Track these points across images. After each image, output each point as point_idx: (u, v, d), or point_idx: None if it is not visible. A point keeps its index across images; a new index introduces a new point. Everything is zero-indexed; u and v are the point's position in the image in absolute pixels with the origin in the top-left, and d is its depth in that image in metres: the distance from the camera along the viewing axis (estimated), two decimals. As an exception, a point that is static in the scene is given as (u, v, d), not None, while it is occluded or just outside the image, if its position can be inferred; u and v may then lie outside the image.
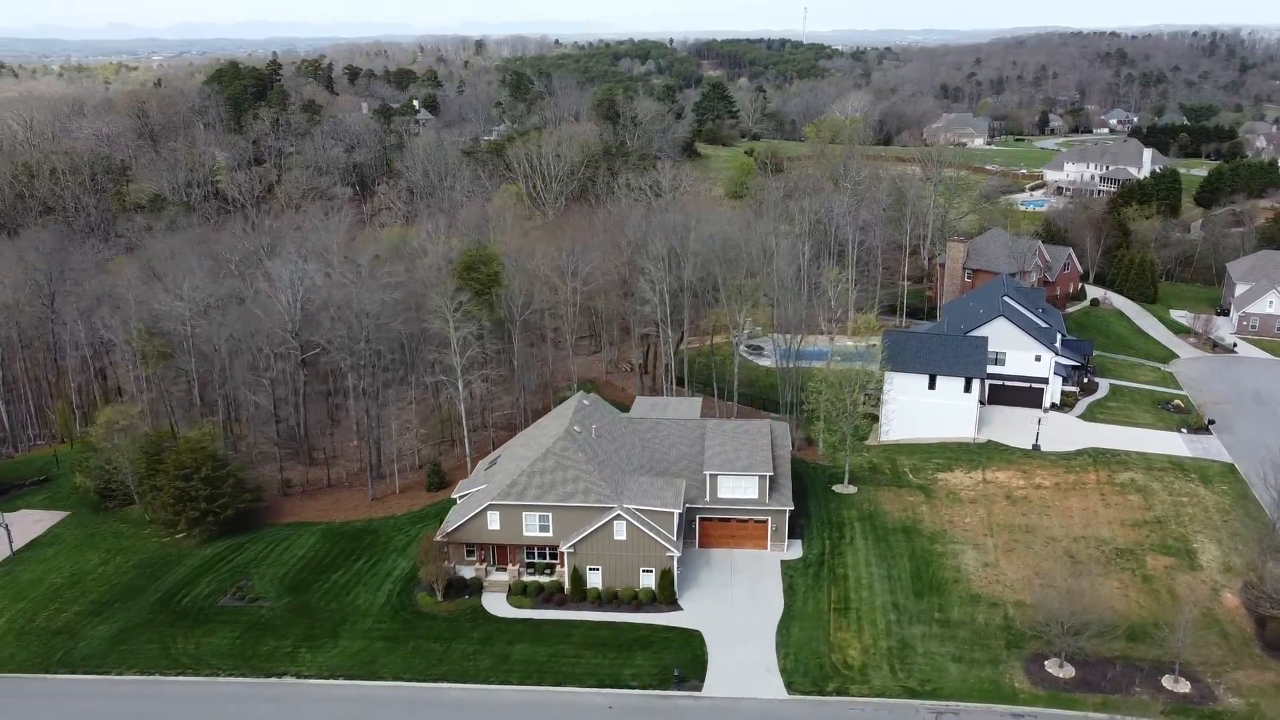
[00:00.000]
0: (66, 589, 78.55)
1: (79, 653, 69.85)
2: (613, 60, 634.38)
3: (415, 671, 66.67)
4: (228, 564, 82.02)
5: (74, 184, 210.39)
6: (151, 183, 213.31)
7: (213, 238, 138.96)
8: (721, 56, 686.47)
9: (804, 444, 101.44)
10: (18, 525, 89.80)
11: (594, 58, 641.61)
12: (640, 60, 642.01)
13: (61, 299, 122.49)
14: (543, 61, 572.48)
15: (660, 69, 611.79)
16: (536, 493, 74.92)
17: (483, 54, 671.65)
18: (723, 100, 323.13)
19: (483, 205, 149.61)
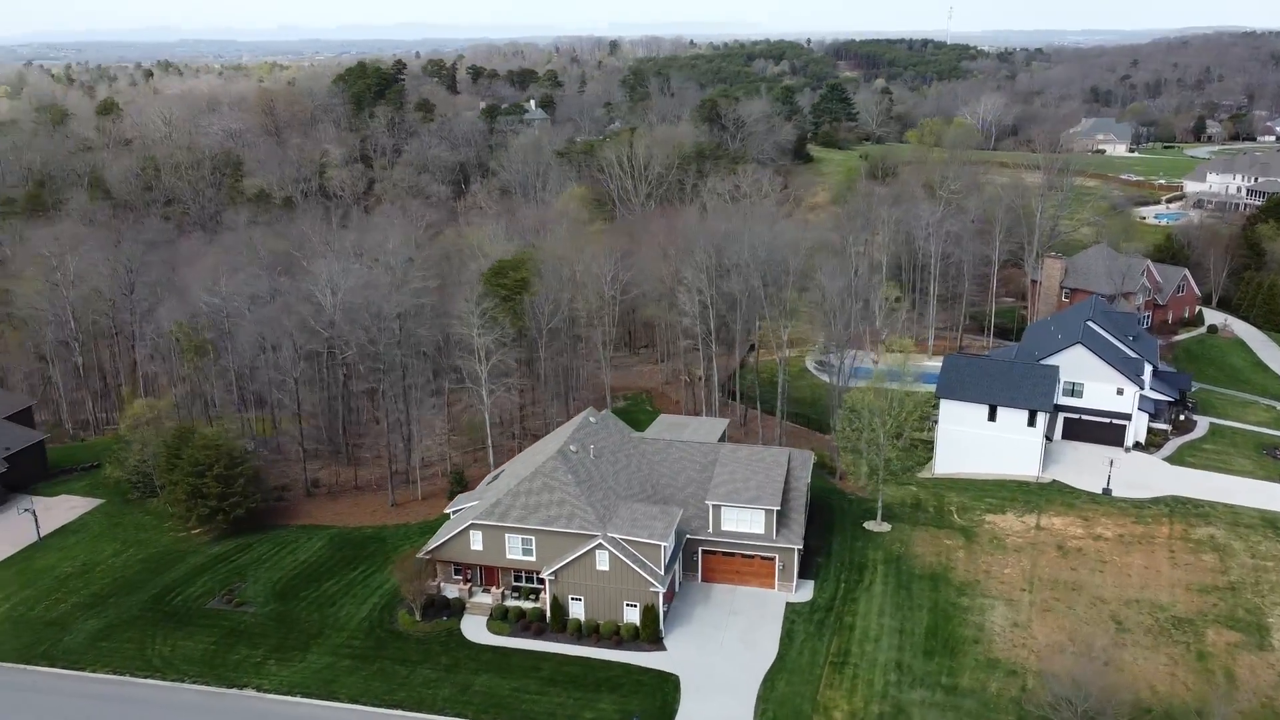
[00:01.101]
0: (73, 579, 79.96)
1: (62, 646, 70.57)
2: (746, 61, 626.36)
3: (372, 695, 64.25)
4: (229, 564, 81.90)
5: (194, 178, 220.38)
6: (262, 178, 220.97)
7: (286, 232, 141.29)
8: (859, 57, 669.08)
9: (846, 474, 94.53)
10: (55, 510, 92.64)
11: (727, 58, 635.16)
12: (774, 61, 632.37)
13: (140, 289, 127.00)
14: (674, 62, 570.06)
15: (794, 70, 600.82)
16: (520, 514, 71.40)
17: (616, 55, 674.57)
18: (841, 102, 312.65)
19: (546, 207, 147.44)
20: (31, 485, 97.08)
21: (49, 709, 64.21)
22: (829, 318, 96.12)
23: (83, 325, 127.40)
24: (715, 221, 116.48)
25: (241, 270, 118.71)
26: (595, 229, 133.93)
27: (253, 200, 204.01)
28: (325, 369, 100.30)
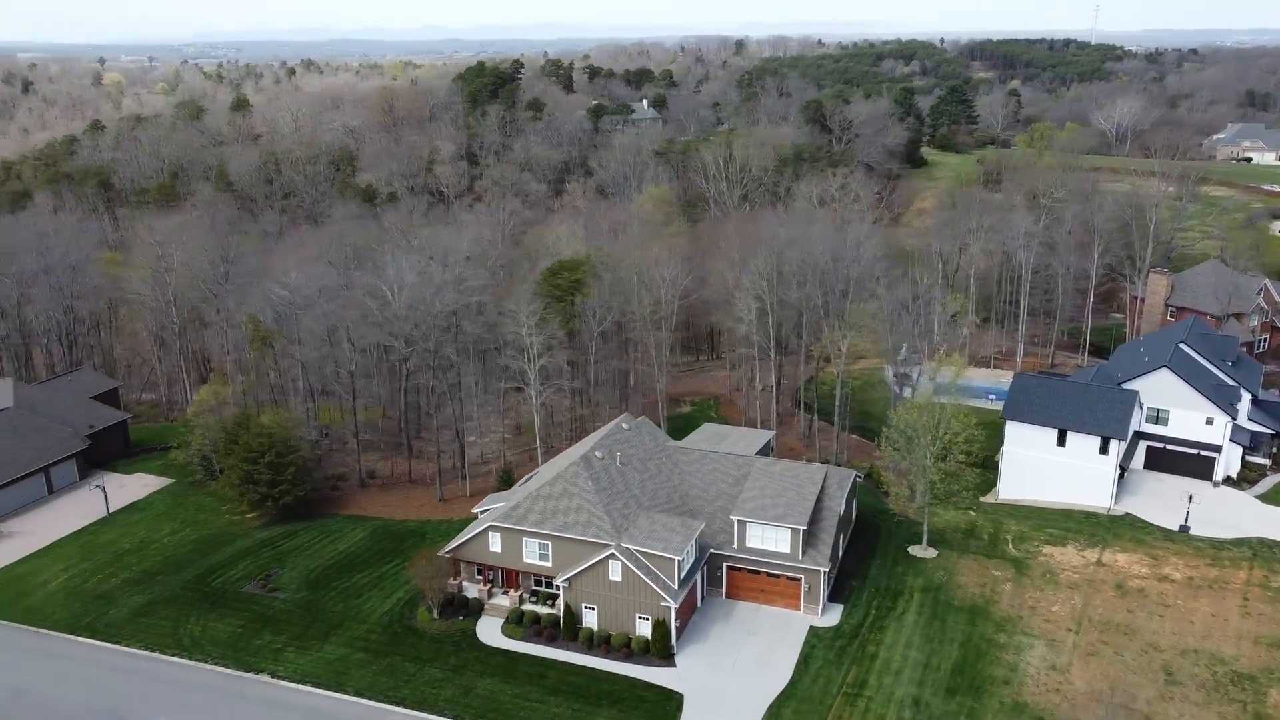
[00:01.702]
0: (129, 555, 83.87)
1: (106, 619, 74.01)
2: (874, 61, 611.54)
3: (377, 690, 64.91)
4: (274, 549, 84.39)
5: (310, 172, 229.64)
6: (373, 173, 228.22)
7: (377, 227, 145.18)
8: (995, 58, 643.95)
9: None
10: (129, 487, 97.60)
11: (854, 59, 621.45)
12: (904, 61, 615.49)
13: (236, 278, 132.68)
14: (800, 62, 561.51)
15: (924, 70, 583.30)
16: (537, 519, 70.94)
17: (742, 54, 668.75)
18: (961, 104, 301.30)
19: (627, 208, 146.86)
20: (112, 462, 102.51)
21: (80, 679, 67.30)
22: (885, 329, 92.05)
23: (182, 311, 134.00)
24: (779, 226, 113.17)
25: (322, 262, 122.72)
26: (672, 230, 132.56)
27: (359, 195, 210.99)
28: (389, 363, 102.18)
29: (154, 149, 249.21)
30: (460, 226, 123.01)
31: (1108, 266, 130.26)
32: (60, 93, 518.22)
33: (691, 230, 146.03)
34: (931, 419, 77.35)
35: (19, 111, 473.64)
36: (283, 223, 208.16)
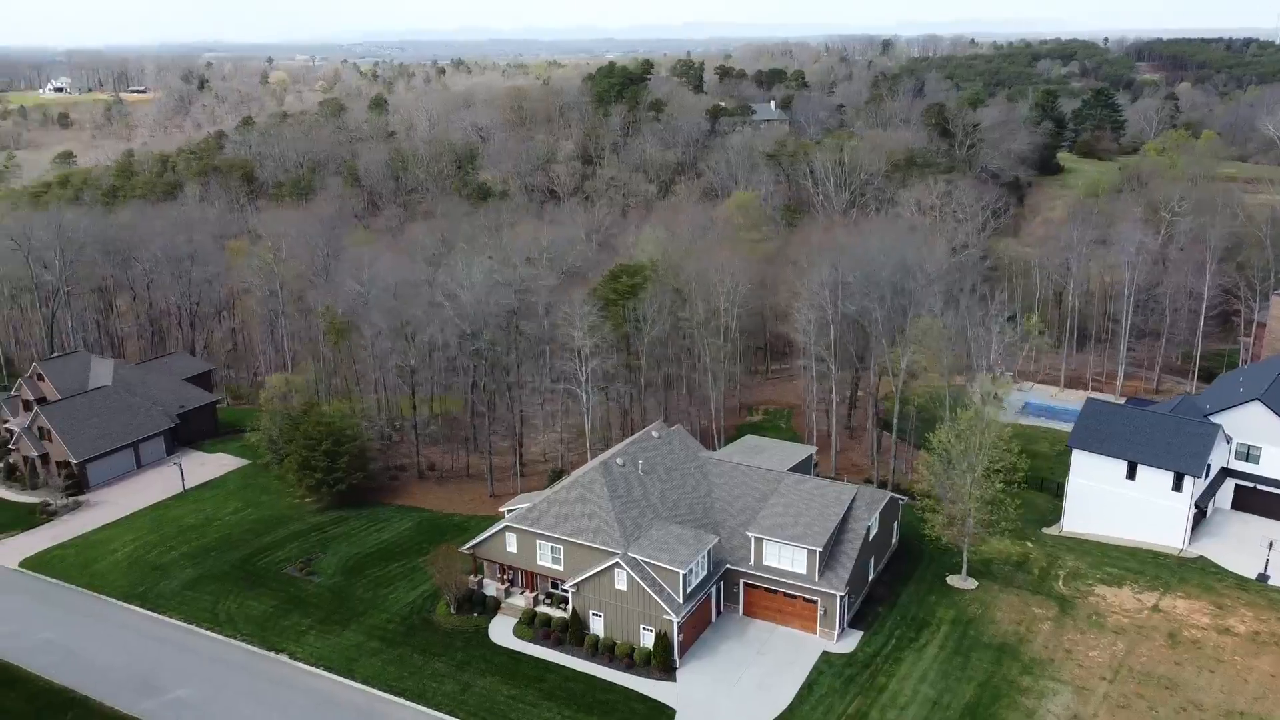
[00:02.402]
0: (191, 530, 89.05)
1: (157, 590, 78.85)
2: (1029, 62, 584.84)
3: (382, 679, 66.73)
4: (321, 534, 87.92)
5: (433, 169, 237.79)
6: (492, 171, 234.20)
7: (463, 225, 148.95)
8: (1163, 58, 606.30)
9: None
10: (208, 465, 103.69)
11: (1008, 59, 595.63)
12: (1062, 62, 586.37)
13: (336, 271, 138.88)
14: (950, 63, 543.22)
15: (1084, 71, 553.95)
16: (551, 522, 71.36)
17: (889, 54, 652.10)
18: (1107, 108, 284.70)
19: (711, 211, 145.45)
20: (200, 441, 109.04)
21: (122, 645, 71.88)
22: (942, 347, 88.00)
23: (289, 300, 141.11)
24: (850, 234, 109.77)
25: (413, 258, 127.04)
26: (756, 235, 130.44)
27: (474, 192, 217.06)
28: (456, 359, 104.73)
29: (295, 144, 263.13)
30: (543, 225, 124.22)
31: (1222, 288, 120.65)
32: (231, 90, 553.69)
33: (787, 236, 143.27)
34: (971, 442, 73.50)
35: (194, 107, 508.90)
36: (403, 218, 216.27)
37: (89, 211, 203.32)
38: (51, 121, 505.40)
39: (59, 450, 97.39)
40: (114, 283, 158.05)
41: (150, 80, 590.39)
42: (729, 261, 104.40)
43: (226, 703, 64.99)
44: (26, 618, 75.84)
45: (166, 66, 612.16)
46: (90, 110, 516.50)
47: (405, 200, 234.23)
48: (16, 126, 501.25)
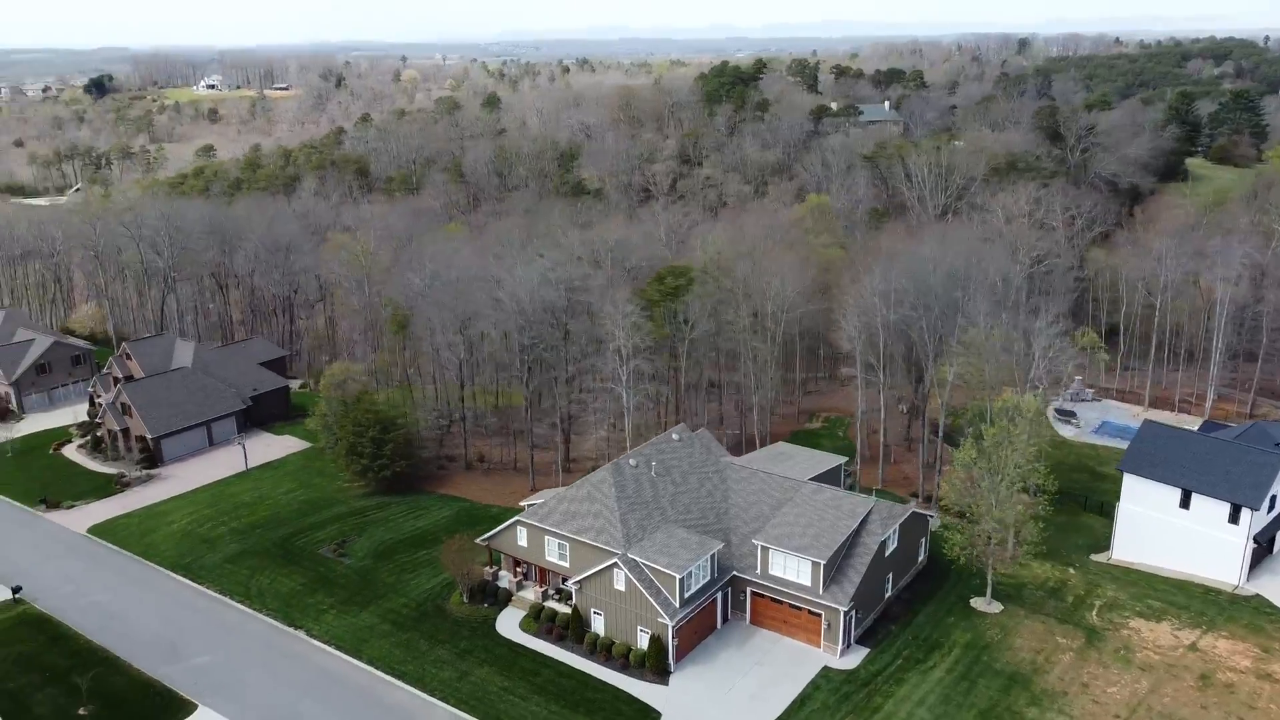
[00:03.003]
0: (244, 507, 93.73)
1: (201, 562, 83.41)
2: (1178, 62, 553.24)
3: (386, 662, 68.83)
4: (362, 518, 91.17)
5: (533, 168, 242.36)
6: (590, 170, 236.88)
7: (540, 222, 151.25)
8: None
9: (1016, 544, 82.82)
10: (274, 447, 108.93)
11: (1155, 59, 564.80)
12: (1215, 62, 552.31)
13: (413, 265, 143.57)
14: (1090, 62, 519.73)
15: (1240, 72, 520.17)
16: (558, 519, 72.14)
17: (1025, 53, 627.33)
18: (1246, 111, 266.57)
19: (773, 213, 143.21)
20: (270, 423, 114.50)
21: (159, 611, 76.39)
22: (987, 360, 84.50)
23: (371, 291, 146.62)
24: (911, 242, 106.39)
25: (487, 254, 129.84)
26: (824, 240, 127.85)
27: (570, 189, 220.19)
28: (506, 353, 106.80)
29: (407, 141, 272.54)
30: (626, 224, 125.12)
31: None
32: (365, 87, 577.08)
33: (864, 240, 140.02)
34: (995, 460, 70.54)
35: (330, 104, 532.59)
36: (501, 213, 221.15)
37: (213, 202, 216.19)
38: (202, 116, 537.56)
39: (137, 425, 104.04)
40: (222, 270, 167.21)
41: (293, 78, 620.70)
42: (780, 264, 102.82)
43: (238, 672, 68.29)
44: (83, 580, 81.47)
45: (308, 65, 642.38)
46: (236, 106, 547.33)
47: (506, 197, 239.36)
48: (171, 121, 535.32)
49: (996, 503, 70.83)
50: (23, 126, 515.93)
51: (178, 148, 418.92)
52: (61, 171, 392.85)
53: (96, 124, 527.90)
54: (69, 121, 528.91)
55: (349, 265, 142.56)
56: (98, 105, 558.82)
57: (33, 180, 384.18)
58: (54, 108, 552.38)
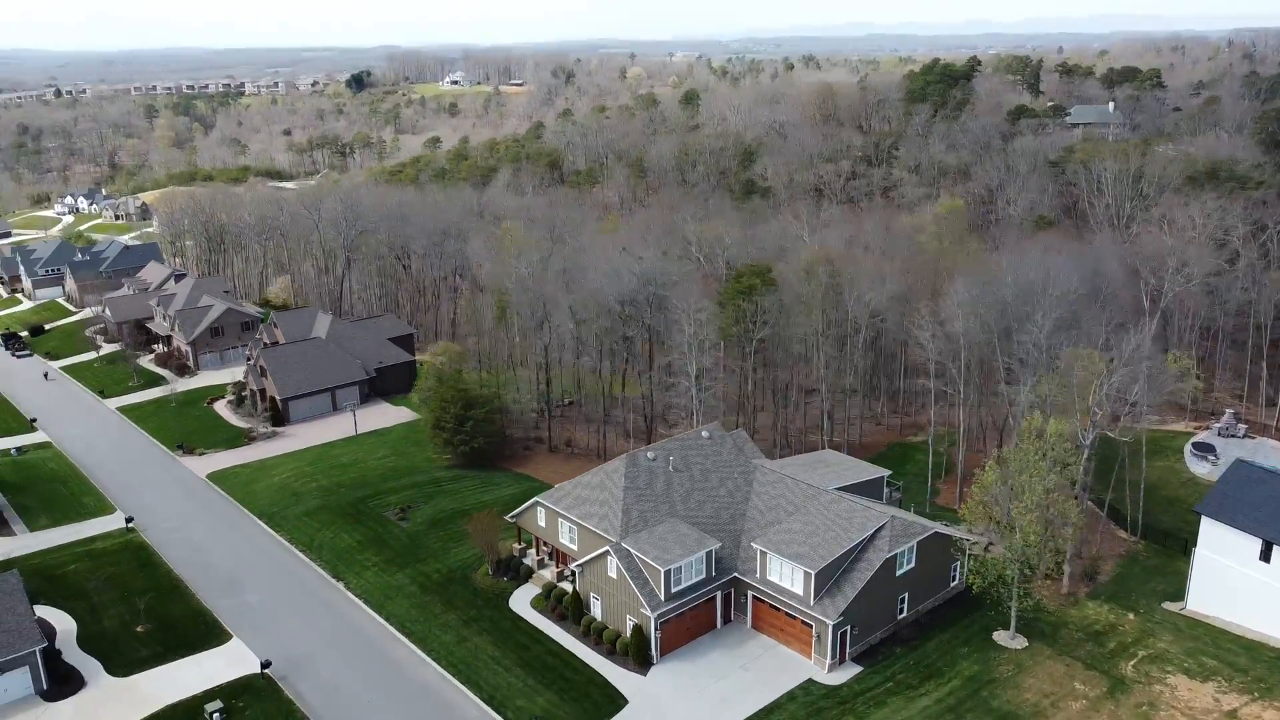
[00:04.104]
0: (338, 468, 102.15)
1: (284, 514, 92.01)
2: None
3: (401, 619, 73.63)
4: (435, 488, 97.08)
5: (714, 165, 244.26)
6: (772, 168, 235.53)
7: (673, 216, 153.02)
8: None
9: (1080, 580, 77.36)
10: (387, 416, 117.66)
11: None
12: None
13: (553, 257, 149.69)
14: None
15: None
16: (570, 503, 74.28)
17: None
18: None
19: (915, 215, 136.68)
20: (392, 395, 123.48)
21: (234, 551, 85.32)
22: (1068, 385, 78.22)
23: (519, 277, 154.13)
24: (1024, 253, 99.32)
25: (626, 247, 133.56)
26: (969, 248, 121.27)
27: (741, 187, 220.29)
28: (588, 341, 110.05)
29: (600, 136, 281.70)
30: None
31: None
32: (592, 84, 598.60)
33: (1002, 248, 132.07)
34: (1015, 486, 65.91)
35: (557, 100, 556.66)
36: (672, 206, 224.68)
37: (418, 190, 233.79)
38: (443, 110, 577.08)
39: (270, 387, 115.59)
40: (394, 252, 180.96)
41: (528, 75, 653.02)
42: (880, 269, 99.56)
43: (276, 612, 75.35)
44: (187, 518, 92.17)
45: (543, 62, 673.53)
46: (474, 101, 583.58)
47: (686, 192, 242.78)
48: (416, 114, 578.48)
49: (1017, 530, 66.23)
50: (291, 118, 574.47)
51: (412, 139, 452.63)
52: (312, 158, 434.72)
53: (352, 115, 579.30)
54: (330, 113, 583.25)
55: (496, 252, 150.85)
56: (355, 99, 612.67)
57: (288, 166, 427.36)
58: (318, 101, 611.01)
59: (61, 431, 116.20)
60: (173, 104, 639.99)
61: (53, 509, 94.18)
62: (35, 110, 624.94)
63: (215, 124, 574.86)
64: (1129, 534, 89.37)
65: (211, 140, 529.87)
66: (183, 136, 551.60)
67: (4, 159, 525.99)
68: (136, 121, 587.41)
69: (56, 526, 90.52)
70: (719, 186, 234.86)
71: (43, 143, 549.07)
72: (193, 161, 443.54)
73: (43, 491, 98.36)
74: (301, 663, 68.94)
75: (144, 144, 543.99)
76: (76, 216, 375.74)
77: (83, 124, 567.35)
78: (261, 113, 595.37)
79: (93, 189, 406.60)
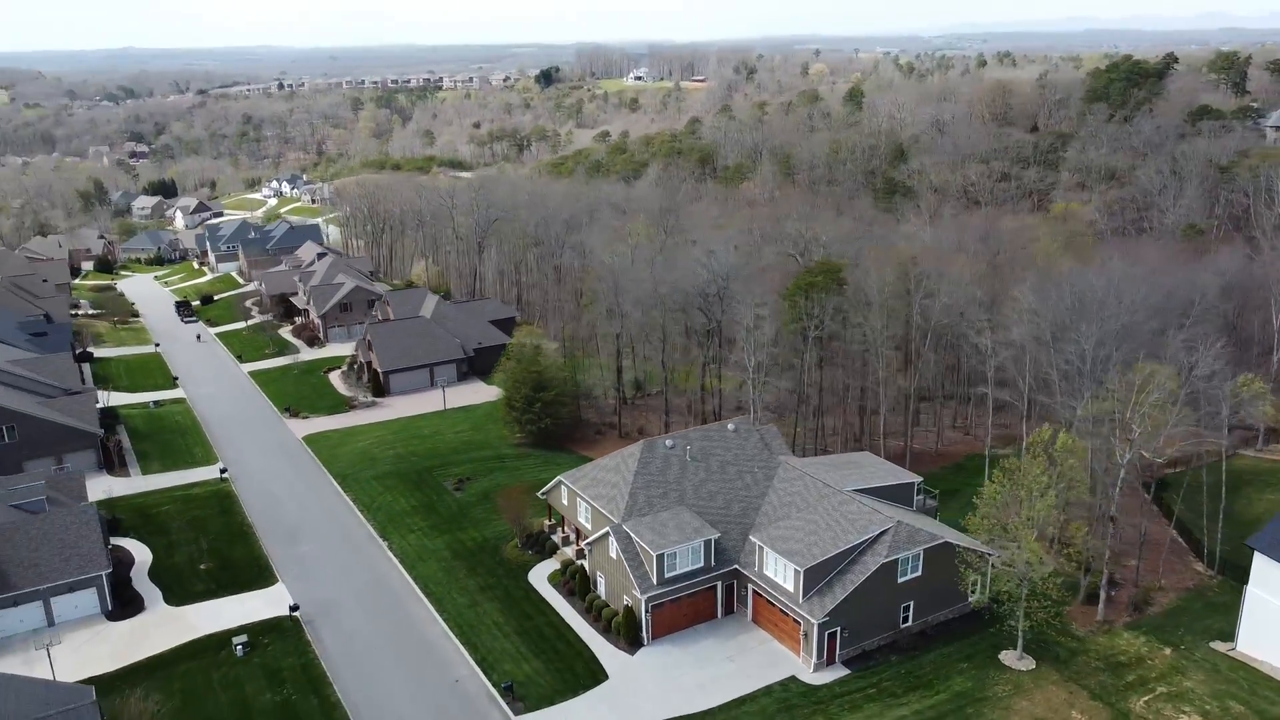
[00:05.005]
0: (417, 439, 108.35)
1: (355, 476, 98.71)
2: None
3: (427, 580, 78.01)
4: (498, 463, 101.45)
5: (863, 164, 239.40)
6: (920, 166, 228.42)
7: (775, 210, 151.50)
8: None
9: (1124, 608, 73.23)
10: (480, 394, 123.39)
11: None
12: None
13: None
14: None
15: None
16: (586, 483, 76.42)
17: None
18: None
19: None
20: (488, 375, 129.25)
21: (303, 504, 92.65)
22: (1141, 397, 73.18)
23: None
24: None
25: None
26: (1049, 247, 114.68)
27: (881, 185, 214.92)
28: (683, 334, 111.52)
29: (752, 132, 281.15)
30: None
31: None
32: (772, 80, 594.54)
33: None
34: (1024, 496, 62.87)
35: (736, 95, 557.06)
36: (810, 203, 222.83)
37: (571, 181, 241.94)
38: (624, 105, 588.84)
39: (375, 360, 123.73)
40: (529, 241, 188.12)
41: (711, 70, 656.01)
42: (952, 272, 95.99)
43: (322, 563, 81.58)
44: (273, 473, 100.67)
45: (725, 58, 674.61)
46: (654, 96, 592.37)
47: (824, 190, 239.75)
48: (598, 109, 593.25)
49: (1021, 546, 63.25)
50: (481, 111, 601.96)
51: (586, 133, 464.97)
52: (492, 150, 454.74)
53: (538, 110, 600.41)
54: (517, 107, 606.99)
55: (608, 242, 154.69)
56: (543, 94, 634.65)
57: (469, 157, 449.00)
58: (508, 95, 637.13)
59: (196, 389, 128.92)
60: (376, 97, 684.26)
61: (166, 456, 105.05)
62: (259, 102, 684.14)
63: (412, 116, 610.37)
64: (1206, 567, 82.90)
65: (407, 131, 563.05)
66: (382, 128, 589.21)
67: (229, 146, 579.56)
68: (344, 113, 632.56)
69: (165, 472, 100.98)
70: (865, 185, 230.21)
71: (262, 132, 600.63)
72: (384, 151, 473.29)
73: (163, 440, 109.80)
74: (329, 609, 74.58)
75: (348, 134, 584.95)
76: (279, 199, 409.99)
77: (297, 115, 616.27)
78: (455, 106, 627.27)
79: (295, 175, 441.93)
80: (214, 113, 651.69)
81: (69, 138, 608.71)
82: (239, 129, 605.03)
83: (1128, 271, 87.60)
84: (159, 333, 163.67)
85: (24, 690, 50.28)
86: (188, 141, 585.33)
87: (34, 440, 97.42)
